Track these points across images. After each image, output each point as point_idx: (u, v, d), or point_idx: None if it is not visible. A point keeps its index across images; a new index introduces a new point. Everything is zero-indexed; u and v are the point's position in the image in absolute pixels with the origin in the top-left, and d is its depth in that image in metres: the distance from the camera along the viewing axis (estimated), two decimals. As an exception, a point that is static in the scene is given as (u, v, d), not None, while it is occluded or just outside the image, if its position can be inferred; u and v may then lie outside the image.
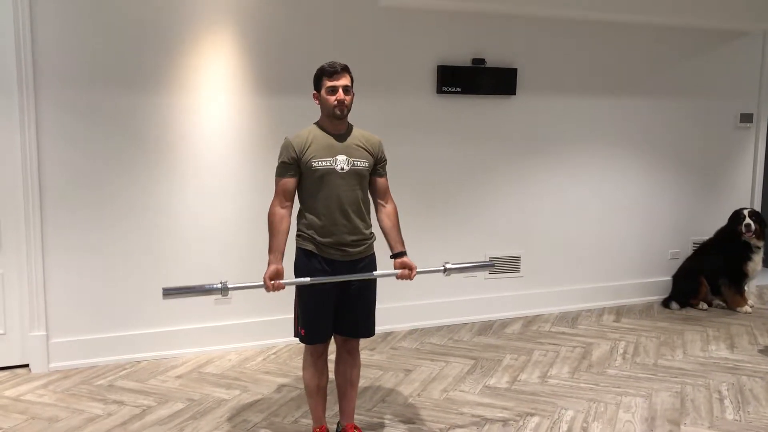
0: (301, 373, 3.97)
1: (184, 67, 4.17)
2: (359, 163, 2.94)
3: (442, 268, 3.11)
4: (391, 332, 4.77)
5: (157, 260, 4.24)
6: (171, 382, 3.91)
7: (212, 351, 4.38)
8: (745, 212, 5.41)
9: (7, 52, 3.83)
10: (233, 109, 4.32)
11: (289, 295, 4.47)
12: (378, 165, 3.03)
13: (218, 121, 4.29)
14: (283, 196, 2.92)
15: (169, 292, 2.82)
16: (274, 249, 2.90)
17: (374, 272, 3.01)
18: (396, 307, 4.74)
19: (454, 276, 4.96)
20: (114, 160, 4.09)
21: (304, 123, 3.10)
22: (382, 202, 3.06)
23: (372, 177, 3.03)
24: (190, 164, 4.25)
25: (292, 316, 4.26)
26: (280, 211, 2.92)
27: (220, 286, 2.83)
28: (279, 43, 4.36)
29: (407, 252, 3.05)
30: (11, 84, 3.84)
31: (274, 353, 4.40)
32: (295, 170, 2.91)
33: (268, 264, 2.87)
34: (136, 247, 4.19)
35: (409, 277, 3.01)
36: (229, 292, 2.88)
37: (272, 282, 2.85)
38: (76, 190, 4.03)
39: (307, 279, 2.90)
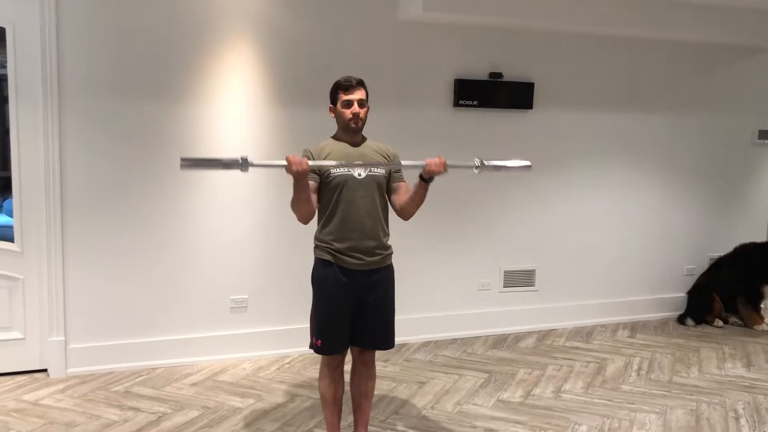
0: (315, 384, 4.03)
1: (204, 78, 4.23)
2: (376, 170, 2.97)
3: (476, 164, 2.95)
4: (405, 344, 4.77)
5: (174, 269, 4.29)
6: (186, 390, 3.94)
7: (227, 359, 4.41)
8: None
9: (33, 61, 3.90)
10: (252, 120, 4.37)
11: (303, 305, 4.50)
12: (394, 172, 3.06)
13: (237, 132, 4.34)
14: None
15: (187, 162, 2.71)
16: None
17: (402, 161, 2.94)
18: (409, 318, 4.75)
19: (469, 289, 5.03)
20: (134, 168, 4.15)
21: (321, 134, 3.13)
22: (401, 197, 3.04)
23: (391, 184, 3.05)
24: (209, 176, 4.30)
25: (308, 326, 4.32)
26: None
27: (240, 160, 2.68)
28: (298, 55, 4.42)
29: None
30: (36, 93, 3.91)
31: (288, 363, 4.42)
32: (314, 176, 2.93)
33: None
34: (155, 256, 4.24)
35: (440, 169, 2.84)
36: (249, 169, 2.72)
37: (295, 158, 2.70)
38: (97, 198, 4.09)
39: (333, 162, 2.82)
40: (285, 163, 2.71)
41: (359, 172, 2.93)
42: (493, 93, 4.87)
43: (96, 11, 3.98)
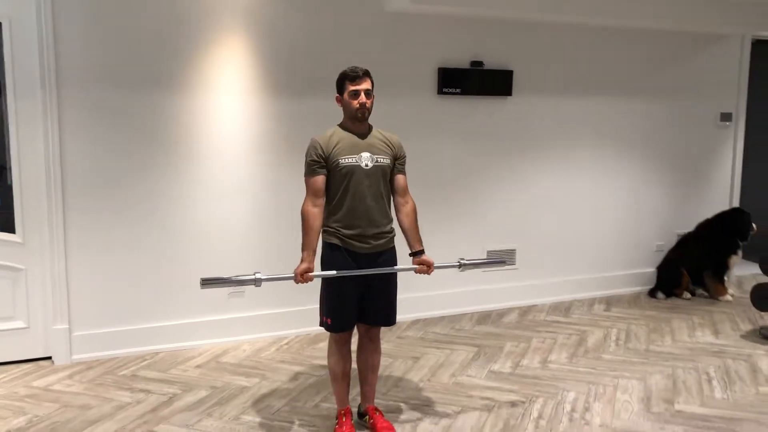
0: (315, 362, 4.23)
1: (200, 69, 4.34)
2: (382, 160, 3.15)
3: (458, 264, 3.35)
4: (396, 323, 4.97)
5: (174, 256, 4.41)
6: (192, 372, 4.09)
7: (227, 342, 4.56)
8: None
9: (31, 54, 3.97)
10: (247, 109, 4.50)
11: (298, 289, 4.68)
12: (397, 161, 3.24)
13: (233, 122, 4.47)
14: (314, 195, 3.09)
15: (207, 282, 3.01)
16: (307, 246, 3.05)
17: (395, 267, 3.23)
18: (399, 298, 4.93)
19: (453, 268, 5.24)
20: (134, 158, 4.25)
21: (314, 123, 3.30)
22: (402, 201, 3.25)
23: (392, 174, 3.23)
24: (207, 163, 4.43)
25: (305, 308, 4.50)
26: (313, 210, 3.08)
27: (253, 278, 3.02)
28: (289, 47, 4.55)
29: (425, 250, 3.27)
30: (35, 85, 3.98)
31: (286, 343, 4.59)
32: (322, 168, 3.09)
33: (301, 261, 3.04)
34: (155, 244, 4.36)
35: (427, 273, 3.24)
36: (262, 283, 3.05)
37: (302, 275, 3.03)
38: (98, 187, 4.19)
39: (334, 272, 3.09)
40: (292, 276, 3.04)
41: (366, 163, 3.10)
42: (474, 81, 5.08)
43: (92, 4, 4.05)
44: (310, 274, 3.04)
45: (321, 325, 3.25)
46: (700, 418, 3.49)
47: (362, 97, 3.10)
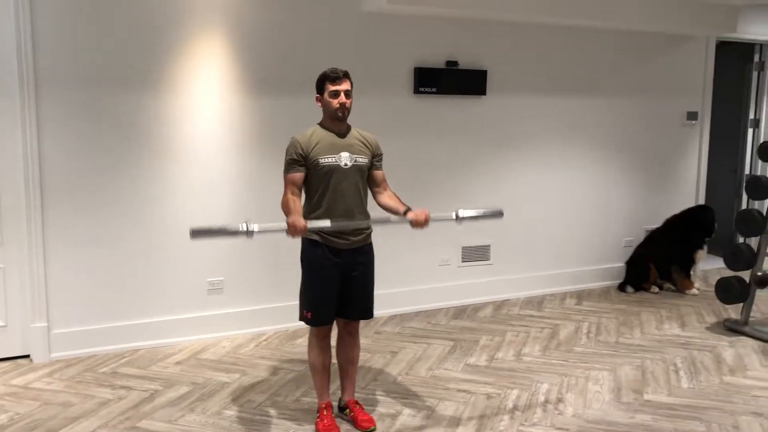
0: (295, 357, 4.30)
1: (178, 68, 4.37)
2: (360, 159, 3.23)
3: (454, 216, 3.31)
4: (373, 318, 5.02)
5: (153, 254, 4.44)
6: (172, 368, 4.12)
7: (206, 339, 4.60)
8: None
9: (9, 53, 3.96)
10: (225, 108, 4.53)
11: (276, 286, 4.74)
12: (375, 159, 3.33)
13: (211, 120, 4.50)
14: (292, 187, 3.15)
15: (197, 233, 2.93)
16: (291, 214, 3.05)
17: (391, 217, 3.24)
18: (377, 294, 5.01)
19: (430, 264, 5.35)
20: (113, 156, 4.27)
21: (291, 121, 3.35)
22: (380, 189, 3.34)
23: (370, 171, 3.31)
24: (185, 161, 4.45)
25: (283, 305, 4.56)
26: (292, 197, 3.13)
27: (246, 229, 2.94)
28: (266, 46, 4.60)
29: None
30: (13, 84, 3.98)
31: (265, 340, 4.65)
32: (302, 166, 3.16)
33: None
34: (134, 241, 4.38)
35: (423, 224, 3.16)
36: (254, 235, 2.97)
37: (293, 224, 2.96)
38: (76, 185, 4.20)
39: (327, 222, 3.07)
40: (285, 226, 2.98)
41: (345, 162, 3.18)
42: (449, 80, 5.17)
43: (70, 2, 4.05)
44: (303, 223, 2.99)
45: (301, 319, 3.32)
46: (668, 407, 3.63)
47: (342, 97, 3.17)
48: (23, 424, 3.36)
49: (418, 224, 3.17)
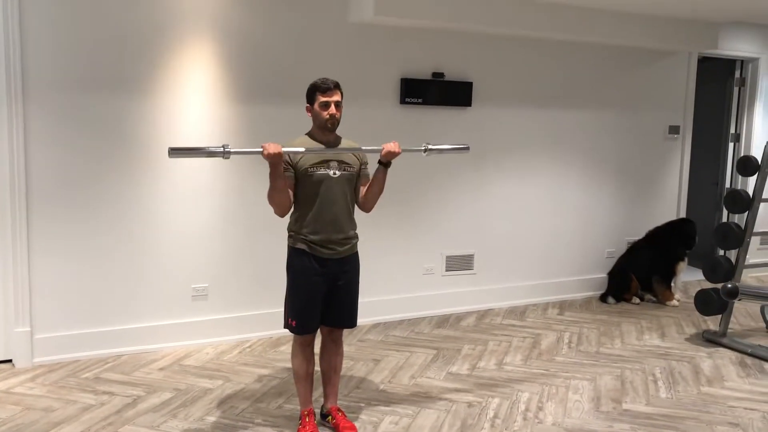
0: (278, 364, 4.32)
1: (166, 74, 4.40)
2: (349, 168, 3.27)
3: (423, 148, 3.44)
4: (357, 326, 5.07)
5: (136, 260, 4.45)
6: (155, 374, 4.13)
7: (189, 345, 4.61)
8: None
9: (-4, 58, 3.98)
10: (212, 115, 4.56)
11: (261, 293, 4.76)
12: (362, 167, 3.38)
13: (198, 127, 4.53)
14: None
15: (175, 151, 2.95)
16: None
17: (362, 147, 3.33)
18: (361, 302, 5.05)
19: (414, 273, 5.39)
20: (98, 162, 4.28)
21: (278, 129, 3.37)
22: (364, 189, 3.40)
23: (358, 180, 3.36)
24: (170, 167, 4.47)
25: (268, 312, 4.59)
26: None
27: (222, 149, 2.98)
28: (255, 54, 4.64)
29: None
30: (0, 89, 3.99)
31: (248, 346, 4.66)
32: (290, 173, 3.18)
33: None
34: (118, 247, 4.39)
35: (394, 149, 3.23)
36: (230, 156, 3.00)
37: (269, 144, 2.99)
38: (61, 190, 4.21)
39: (302, 149, 3.14)
40: (261, 149, 2.99)
41: (334, 171, 3.22)
42: (435, 91, 5.23)
43: (60, 7, 4.08)
44: (278, 146, 3.01)
45: (285, 327, 3.33)
46: (646, 417, 3.68)
47: (332, 108, 3.21)
48: (5, 429, 3.36)
49: (390, 150, 3.24)
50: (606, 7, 5.37)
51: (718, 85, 7.03)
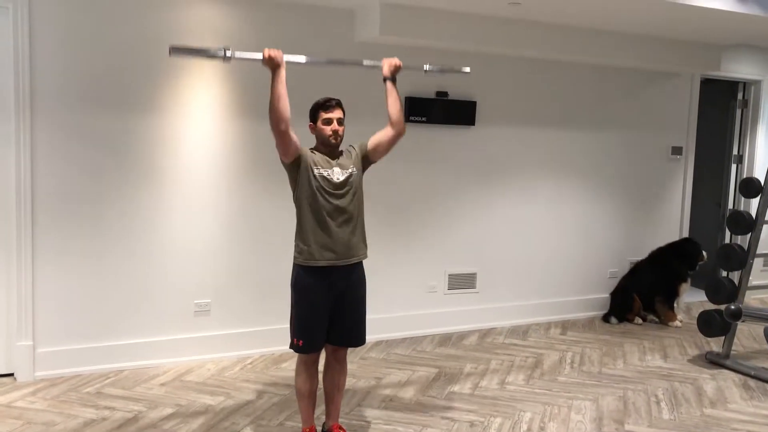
0: (279, 381, 4.31)
1: (173, 92, 4.43)
2: (353, 170, 3.29)
3: (424, 67, 3.64)
4: (359, 343, 5.08)
5: (140, 274, 4.46)
6: (156, 390, 4.12)
7: (191, 361, 4.60)
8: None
9: (6, 74, 4.01)
10: (218, 131, 4.59)
11: (263, 309, 4.76)
12: (366, 149, 3.41)
13: (204, 144, 4.56)
14: None
15: (176, 50, 2.99)
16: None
17: (364, 61, 3.52)
18: (363, 320, 5.08)
19: (417, 291, 5.39)
20: (104, 178, 4.31)
21: None
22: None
23: (374, 140, 3.43)
24: (175, 184, 4.50)
25: (270, 328, 4.59)
26: None
27: (222, 53, 3.05)
28: (262, 72, 4.65)
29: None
30: (9, 104, 4.03)
31: (250, 363, 4.65)
32: (298, 144, 3.19)
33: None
34: (121, 262, 4.40)
35: (396, 61, 3.47)
36: (231, 60, 3.08)
37: (271, 50, 3.08)
38: (67, 206, 4.23)
39: (302, 58, 3.26)
40: (261, 56, 3.08)
41: (338, 177, 3.23)
42: (439, 110, 5.27)
43: (68, 25, 4.13)
44: (280, 53, 3.10)
45: (292, 347, 3.31)
46: (649, 438, 3.67)
47: (335, 125, 3.25)
48: (5, 443, 3.36)
49: (391, 64, 3.45)
50: (609, 29, 5.42)
51: (721, 106, 7.06)
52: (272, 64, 3.09)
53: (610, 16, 4.95)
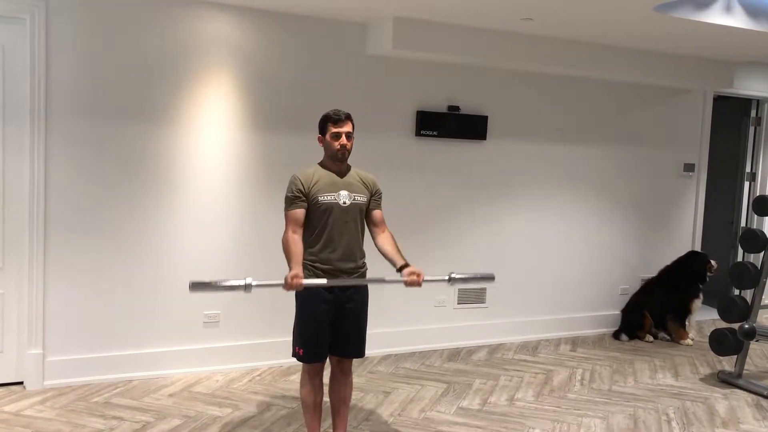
0: (287, 393, 4.30)
1: (185, 103, 4.47)
2: (359, 198, 3.30)
3: (447, 278, 3.36)
4: (368, 357, 5.02)
5: (150, 285, 4.47)
6: (165, 400, 4.12)
7: (200, 372, 4.60)
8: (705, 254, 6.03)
9: (22, 82, 4.05)
10: (230, 143, 4.62)
11: (272, 321, 4.76)
12: (373, 198, 3.39)
13: (216, 155, 4.58)
14: (294, 224, 3.21)
15: (196, 286, 3.00)
16: (292, 262, 3.12)
17: (385, 278, 3.27)
18: (371, 333, 4.98)
19: (426, 306, 5.38)
20: (116, 188, 4.34)
21: (294, 158, 3.42)
22: (378, 230, 3.39)
23: (369, 210, 3.38)
24: (187, 195, 4.52)
25: (278, 340, 4.58)
26: (293, 236, 3.19)
27: (244, 283, 3.02)
28: (273, 84, 4.71)
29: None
30: (24, 114, 4.07)
31: (258, 375, 4.65)
32: (302, 202, 3.22)
33: (290, 270, 3.09)
34: (131, 272, 4.42)
35: (417, 283, 3.21)
36: (252, 290, 3.05)
37: (291, 279, 3.04)
38: (79, 215, 4.25)
39: (324, 281, 3.14)
40: (282, 282, 3.04)
41: (344, 200, 3.25)
42: (451, 124, 5.27)
43: (84, 37, 4.17)
44: (299, 280, 3.06)
45: (293, 355, 3.33)
46: (659, 457, 3.63)
47: (343, 139, 3.26)
48: (13, 452, 3.36)
49: (413, 285, 3.21)
50: (622, 45, 5.42)
51: (734, 124, 7.02)
52: (292, 289, 3.09)
53: (623, 31, 4.96)
